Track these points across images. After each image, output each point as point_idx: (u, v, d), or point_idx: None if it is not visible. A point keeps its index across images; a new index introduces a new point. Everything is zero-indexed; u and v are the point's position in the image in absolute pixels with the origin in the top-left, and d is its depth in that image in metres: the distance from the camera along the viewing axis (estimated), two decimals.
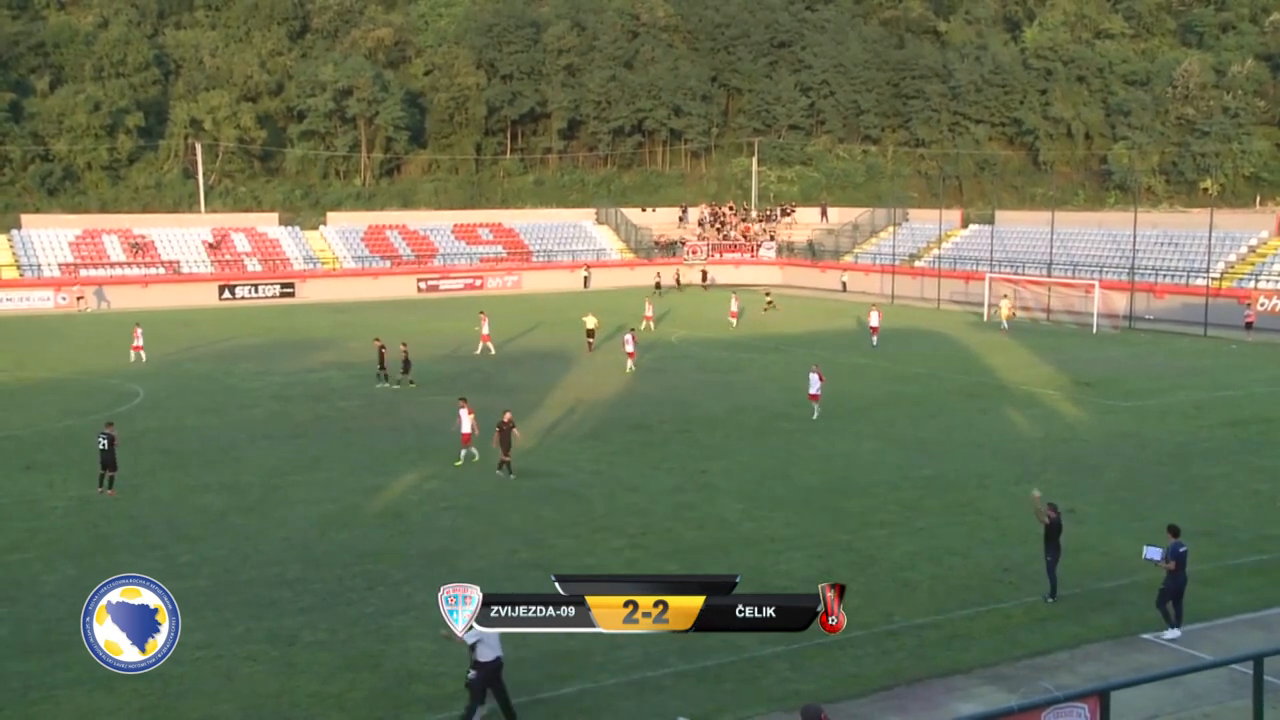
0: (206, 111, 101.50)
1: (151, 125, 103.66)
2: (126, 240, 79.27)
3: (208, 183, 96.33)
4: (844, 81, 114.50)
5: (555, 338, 55.90)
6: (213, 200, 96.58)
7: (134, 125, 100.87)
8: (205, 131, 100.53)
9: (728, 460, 30.79)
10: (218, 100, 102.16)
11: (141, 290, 74.94)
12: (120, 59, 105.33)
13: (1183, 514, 25.22)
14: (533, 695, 16.47)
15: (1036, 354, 51.13)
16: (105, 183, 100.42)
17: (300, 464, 30.69)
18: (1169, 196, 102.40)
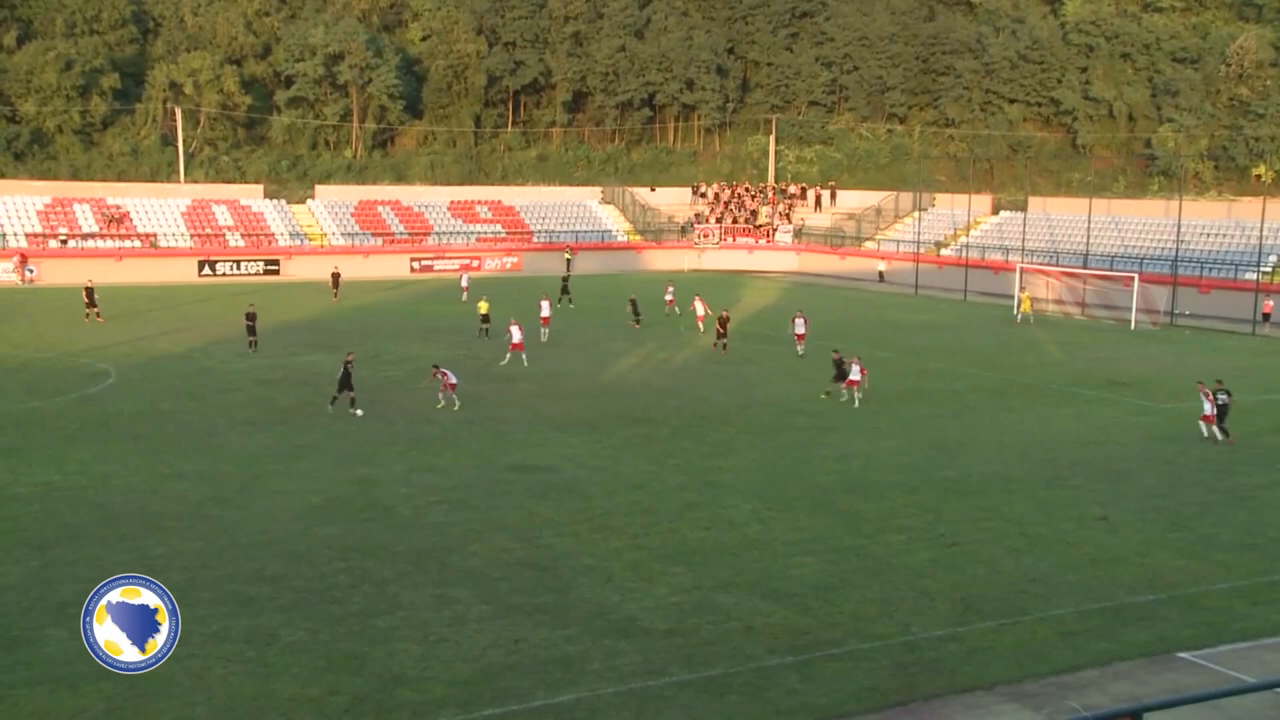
0: (187, 74, 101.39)
1: (128, 87, 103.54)
2: (100, 210, 79.37)
3: (188, 151, 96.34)
4: (869, 55, 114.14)
5: (556, 324, 55.84)
6: (193, 170, 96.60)
7: (109, 87, 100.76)
8: (186, 96, 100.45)
9: (737, 458, 30.80)
10: (199, 62, 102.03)
11: (116, 264, 75.04)
12: (94, 14, 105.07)
13: (1225, 525, 25.25)
14: (526, 703, 16.51)
15: (1069, 351, 51.06)
16: (77, 148, 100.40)
17: (282, 453, 30.74)
18: (1218, 184, 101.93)
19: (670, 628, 19.19)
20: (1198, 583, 21.68)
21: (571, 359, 45.65)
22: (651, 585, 21.11)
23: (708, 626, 19.26)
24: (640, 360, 46.77)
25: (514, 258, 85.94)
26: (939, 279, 77.71)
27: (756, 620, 19.55)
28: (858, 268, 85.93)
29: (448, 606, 19.95)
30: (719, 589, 20.97)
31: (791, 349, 48.11)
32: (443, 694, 16.78)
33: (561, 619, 19.46)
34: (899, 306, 69.10)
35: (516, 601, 20.23)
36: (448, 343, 50.21)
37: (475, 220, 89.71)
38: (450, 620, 19.37)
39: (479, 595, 20.49)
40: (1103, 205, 77.04)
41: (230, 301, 64.65)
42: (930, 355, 48.55)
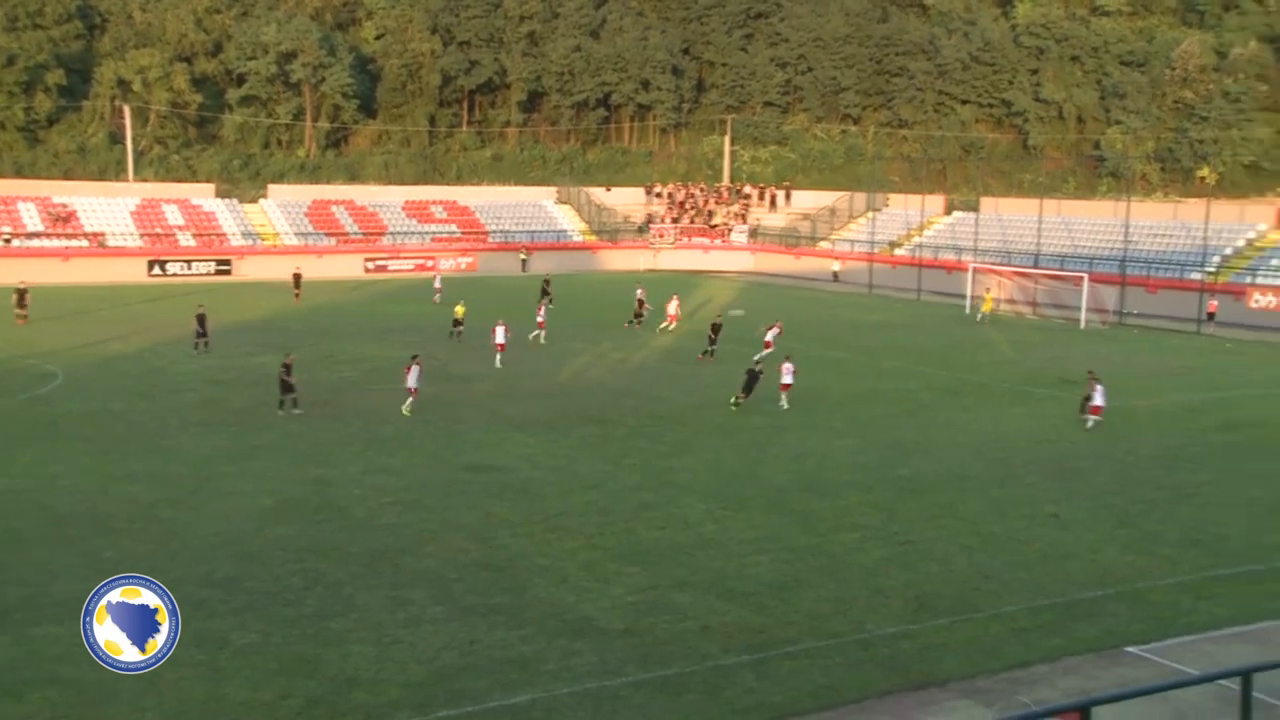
0: (136, 71, 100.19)
1: (74, 84, 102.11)
2: (45, 209, 78.28)
3: (137, 149, 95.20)
4: (823, 56, 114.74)
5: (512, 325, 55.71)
6: (143, 168, 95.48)
7: (54, 83, 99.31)
8: (135, 93, 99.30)
9: (693, 457, 30.85)
10: (148, 60, 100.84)
11: (62, 264, 74.06)
12: (38, 9, 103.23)
13: (1171, 521, 25.61)
14: (481, 704, 16.46)
15: (1021, 350, 51.58)
16: (21, 145, 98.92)
17: (235, 454, 30.46)
18: (1164, 185, 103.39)
19: (626, 627, 19.20)
20: (1145, 578, 21.98)
21: (528, 358, 45.55)
22: (607, 585, 21.11)
23: (663, 626, 19.29)
24: (597, 360, 46.77)
25: (469, 258, 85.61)
26: (893, 279, 78.25)
27: (712, 619, 19.60)
28: (812, 268, 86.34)
29: (402, 608, 19.86)
30: (674, 588, 21.01)
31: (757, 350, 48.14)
32: (397, 696, 16.70)
33: (517, 619, 19.42)
34: (853, 306, 69.52)
35: (471, 602, 20.17)
36: (403, 343, 49.86)
37: (430, 220, 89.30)
38: (405, 621, 19.28)
39: (434, 596, 20.41)
40: (1053, 206, 77.87)
41: (181, 302, 63.95)
42: (884, 355, 48.87)
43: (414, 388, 35.33)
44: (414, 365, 35.61)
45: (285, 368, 35.62)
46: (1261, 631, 19.54)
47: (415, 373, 35.43)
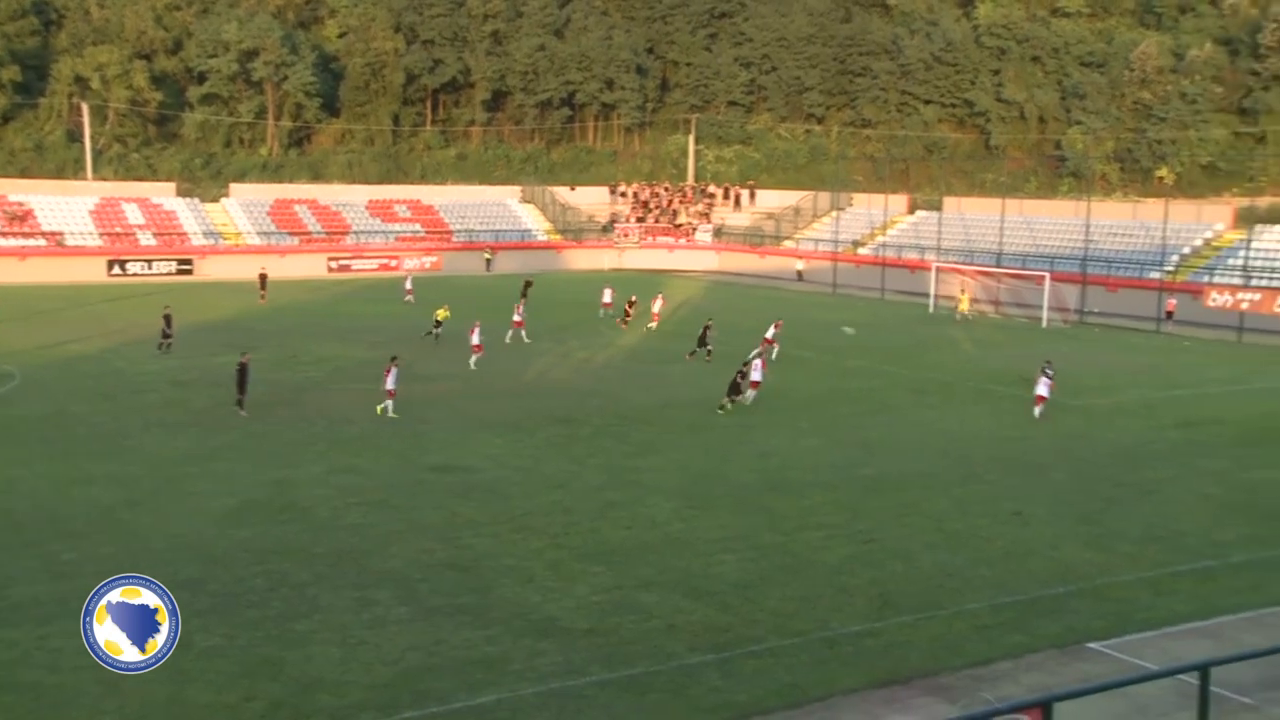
0: (94, 69, 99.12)
1: (30, 81, 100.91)
2: (2, 207, 77.40)
3: (96, 147, 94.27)
4: (787, 56, 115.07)
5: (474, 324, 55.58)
6: (101, 167, 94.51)
7: (9, 80, 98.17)
8: (93, 91, 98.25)
9: (658, 457, 30.89)
10: (107, 57, 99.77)
11: (19, 263, 73.25)
12: None
13: (1131, 518, 25.88)
14: (447, 705, 16.42)
15: (984, 349, 51.95)
16: None
17: (198, 454, 30.24)
18: (1124, 185, 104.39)
19: (591, 627, 19.21)
20: (1105, 574, 22.20)
21: (494, 358, 45.39)
22: (572, 585, 21.12)
23: (629, 625, 19.31)
24: (562, 360, 46.73)
25: (433, 257, 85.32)
26: (856, 278, 78.61)
27: (677, 618, 19.64)
28: (777, 267, 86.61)
29: (367, 609, 19.78)
30: (640, 588, 21.03)
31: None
32: (362, 697, 16.64)
33: (482, 620, 19.40)
34: (817, 305, 69.76)
35: (437, 603, 20.12)
36: (367, 343, 49.71)
37: (394, 220, 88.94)
38: (370, 622, 19.21)
39: (399, 597, 20.34)
40: (1015, 205, 78.43)
41: (143, 302, 63.44)
42: (848, 354, 49.08)
43: (392, 389, 35.02)
44: (392, 367, 35.35)
45: (241, 366, 35.41)
46: (1218, 626, 19.78)
47: (394, 374, 35.16)
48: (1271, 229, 67.24)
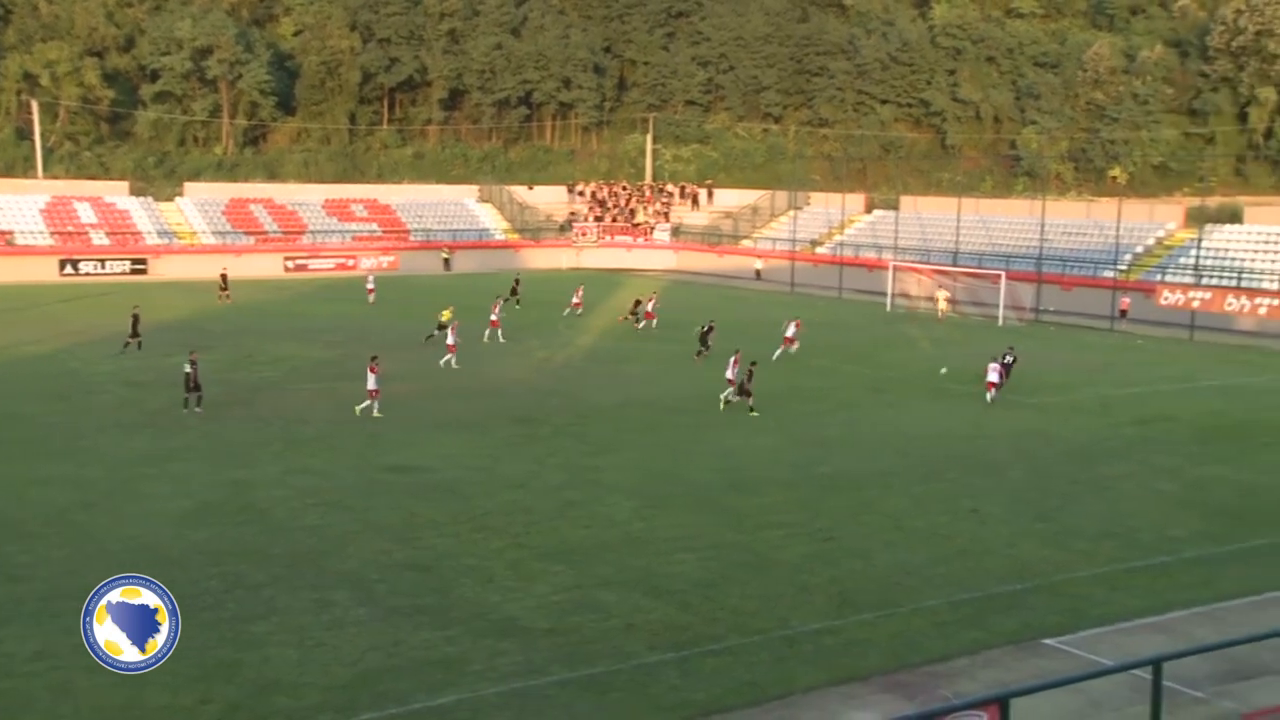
0: (44, 65, 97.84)
1: None
2: None
3: (46, 145, 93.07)
4: (744, 55, 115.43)
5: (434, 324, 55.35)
6: (52, 165, 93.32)
7: None
8: (43, 88, 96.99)
9: (618, 456, 30.90)
10: (57, 53, 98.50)
11: None
12: None
13: (1086, 515, 26.15)
14: (406, 705, 16.35)
15: (941, 347, 52.29)
16: None
17: (153, 456, 29.94)
18: (1078, 185, 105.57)
19: (551, 627, 19.19)
20: (1061, 571, 22.42)
21: (466, 358, 45.15)
22: (532, 584, 21.08)
23: (589, 625, 19.30)
24: (521, 359, 46.61)
25: (390, 257, 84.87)
26: (814, 277, 78.94)
27: (637, 617, 19.65)
28: (735, 266, 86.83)
29: (325, 610, 19.66)
30: (600, 587, 21.03)
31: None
32: (319, 699, 16.54)
33: (442, 620, 19.32)
34: (776, 304, 69.91)
35: (396, 603, 20.03)
36: (324, 343, 49.45)
37: (351, 219, 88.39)
38: (328, 624, 19.09)
39: (357, 598, 20.23)
40: (971, 204, 79.02)
41: (96, 302, 62.77)
42: (807, 352, 49.22)
43: (375, 389, 34.86)
44: (374, 367, 35.14)
45: (192, 364, 35.17)
46: (1171, 621, 20.02)
47: (376, 375, 35.00)
48: (1221, 228, 68.18)
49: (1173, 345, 54.98)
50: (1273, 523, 25.97)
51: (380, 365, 35.47)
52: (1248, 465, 31.17)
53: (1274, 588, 21.75)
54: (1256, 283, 60.53)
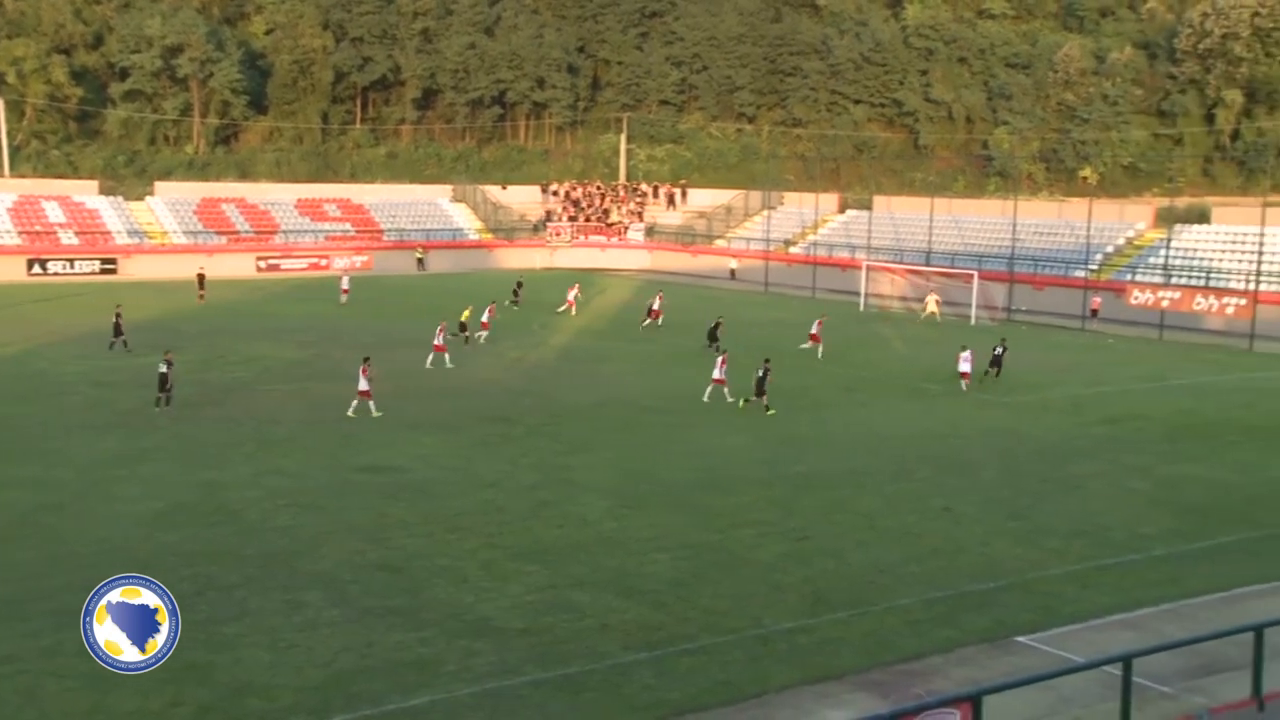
0: (10, 63, 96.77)
1: None
2: None
3: (13, 143, 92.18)
4: (718, 55, 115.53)
5: (410, 324, 55.19)
6: (19, 164, 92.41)
7: None
8: (9, 85, 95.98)
9: (591, 456, 30.87)
10: (23, 50, 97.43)
11: None
12: None
13: (1058, 513, 26.31)
14: (379, 707, 16.29)
15: (914, 346, 52.51)
16: None
17: (124, 457, 29.72)
18: (1049, 185, 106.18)
19: (525, 627, 19.15)
20: (1033, 569, 22.54)
21: (424, 358, 45.08)
22: (506, 585, 21.04)
23: (562, 625, 19.28)
24: (495, 359, 46.51)
25: (364, 256, 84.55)
26: (788, 276, 79.09)
27: (611, 617, 19.63)
28: (710, 266, 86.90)
29: (297, 611, 19.56)
30: (573, 587, 21.00)
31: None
32: (292, 701, 16.46)
33: (415, 621, 19.26)
34: (750, 304, 70.10)
35: (369, 604, 19.95)
36: (297, 343, 49.21)
37: (324, 219, 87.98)
38: (300, 625, 18.99)
39: (330, 599, 20.14)
40: (944, 204, 79.35)
41: (65, 303, 62.29)
42: (781, 352, 49.31)
43: (367, 389, 34.88)
44: (366, 367, 35.16)
45: (167, 364, 35.04)
46: (1140, 619, 20.17)
47: (368, 374, 35.02)
48: (1189, 229, 68.72)
49: (1143, 344, 55.38)
50: (1241, 520, 26.22)
51: (371, 367, 35.47)
52: (1216, 463, 31.43)
53: (1242, 584, 21.96)
54: (1224, 282, 61.00)
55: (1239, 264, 62.12)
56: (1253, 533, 25.29)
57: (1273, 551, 24.05)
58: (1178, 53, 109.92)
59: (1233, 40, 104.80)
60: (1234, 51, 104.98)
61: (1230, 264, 62.89)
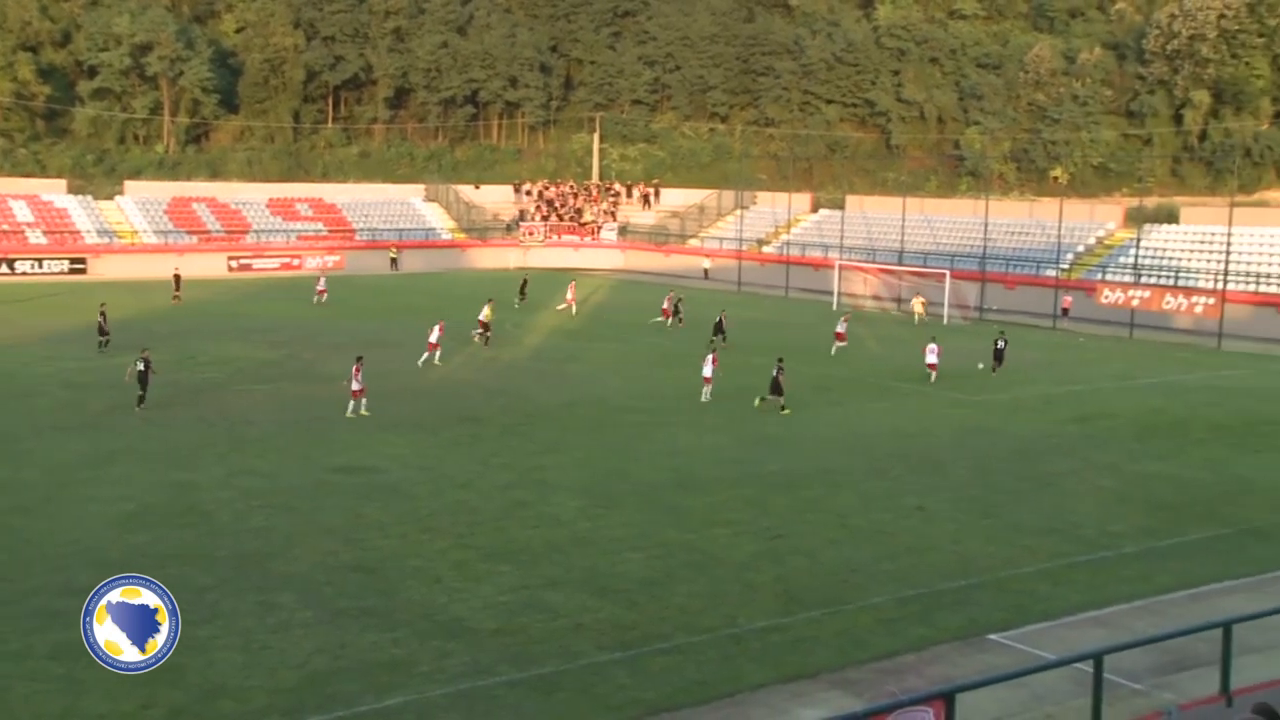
0: None
1: None
2: None
3: None
4: (690, 55, 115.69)
5: (385, 324, 55.03)
6: None
7: None
8: None
9: (564, 455, 30.84)
10: None
11: None
12: None
13: (1030, 511, 26.45)
14: (353, 708, 16.23)
15: (886, 345, 52.70)
16: None
17: (94, 458, 29.49)
18: (1020, 184, 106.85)
19: (499, 627, 19.12)
20: (1006, 567, 22.65)
21: (396, 358, 44.95)
22: (479, 585, 21.00)
23: (536, 625, 19.26)
24: (468, 359, 46.41)
25: (336, 256, 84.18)
26: (761, 276, 79.24)
27: (585, 617, 19.62)
28: (683, 265, 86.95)
29: (270, 613, 19.47)
30: (547, 587, 20.98)
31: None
32: (266, 703, 16.38)
33: (388, 621, 19.20)
34: (728, 304, 70.10)
35: (342, 605, 19.88)
36: (268, 344, 48.96)
37: (296, 218, 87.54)
38: (273, 627, 18.91)
39: (303, 600, 20.05)
40: (916, 204, 79.65)
41: (34, 304, 61.77)
42: (754, 351, 49.40)
43: (359, 389, 34.91)
44: (359, 367, 35.09)
45: (145, 362, 34.80)
46: (1111, 615, 20.30)
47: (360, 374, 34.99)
48: (1159, 228, 69.27)
49: (1113, 343, 55.76)
50: (1209, 517, 26.45)
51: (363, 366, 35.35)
52: (1185, 461, 31.69)
53: (1210, 580, 22.15)
54: (1193, 281, 61.51)
55: (1207, 263, 62.65)
56: (1221, 530, 25.52)
57: (1240, 548, 24.27)
58: (1146, 53, 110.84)
59: (1200, 41, 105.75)
60: (1201, 53, 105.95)
61: (1198, 263, 63.43)
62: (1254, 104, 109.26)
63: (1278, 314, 58.32)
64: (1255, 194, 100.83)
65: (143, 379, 34.82)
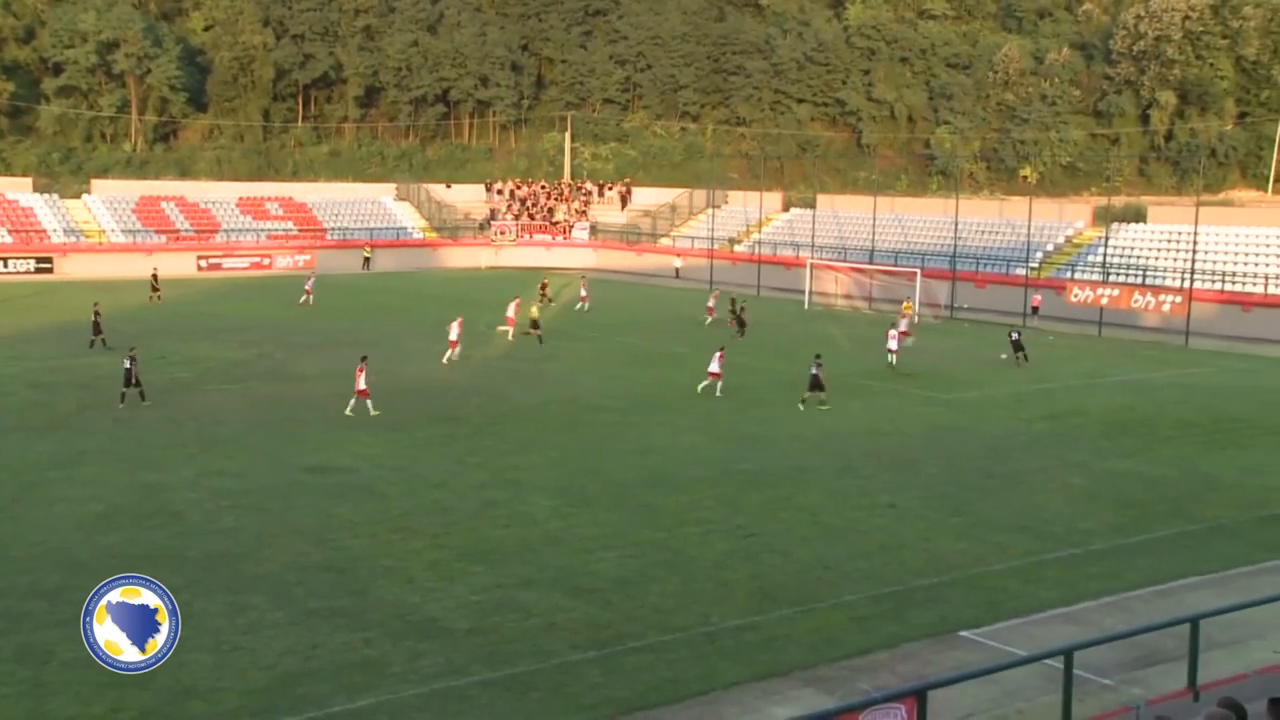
0: None
1: None
2: None
3: None
4: (661, 54, 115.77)
5: (353, 324, 54.79)
6: None
7: None
8: None
9: (537, 455, 30.80)
10: None
11: None
12: None
13: (1000, 508, 26.61)
14: (325, 709, 16.16)
15: (858, 344, 52.85)
16: None
17: (61, 459, 29.25)
18: (990, 183, 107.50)
19: (472, 627, 19.08)
20: (977, 564, 22.78)
21: (370, 357, 44.77)
22: (452, 585, 20.94)
23: (509, 624, 19.23)
24: (440, 359, 46.22)
25: (307, 255, 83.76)
26: (733, 275, 79.33)
27: (558, 616, 19.61)
28: (655, 264, 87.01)
29: (241, 614, 19.36)
30: (520, 586, 20.95)
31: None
32: (236, 704, 16.29)
33: (360, 622, 19.13)
34: (695, 303, 70.16)
35: (314, 606, 19.79)
36: (239, 343, 48.67)
37: (266, 217, 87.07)
38: (244, 628, 18.80)
39: (274, 601, 19.95)
40: (887, 203, 79.97)
41: (0, 304, 61.21)
42: (727, 350, 49.48)
43: (364, 388, 34.87)
44: (363, 366, 35.16)
45: (131, 360, 34.95)
46: (1080, 612, 20.44)
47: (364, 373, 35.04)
48: (1127, 227, 69.80)
49: (1082, 341, 56.15)
50: (1176, 514, 26.67)
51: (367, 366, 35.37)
52: (1153, 458, 31.94)
53: (1178, 577, 22.34)
54: (1160, 280, 62.01)
55: (1174, 262, 63.17)
56: (1188, 526, 25.74)
57: (1207, 545, 24.49)
58: (1113, 54, 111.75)
59: (1165, 42, 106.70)
60: (1166, 53, 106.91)
61: (1166, 262, 63.96)
62: (1219, 104, 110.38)
63: (1244, 312, 58.88)
64: (1220, 193, 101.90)
65: (128, 376, 34.87)
